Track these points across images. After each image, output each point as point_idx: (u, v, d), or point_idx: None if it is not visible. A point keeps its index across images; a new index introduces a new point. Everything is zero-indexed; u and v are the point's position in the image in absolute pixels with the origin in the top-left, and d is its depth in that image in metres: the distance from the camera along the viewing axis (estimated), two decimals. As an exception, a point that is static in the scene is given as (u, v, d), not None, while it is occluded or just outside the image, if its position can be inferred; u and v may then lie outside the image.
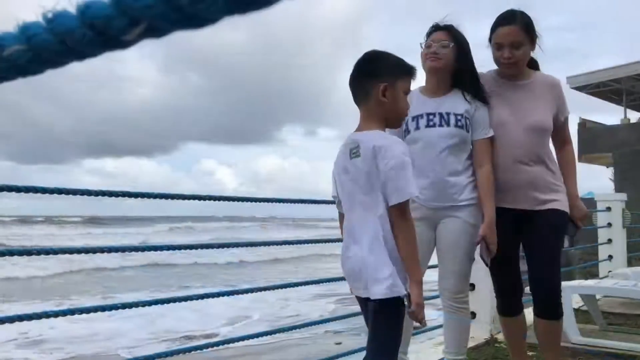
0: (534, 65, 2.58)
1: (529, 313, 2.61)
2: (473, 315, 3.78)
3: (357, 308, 2.07)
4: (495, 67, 2.56)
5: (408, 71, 1.91)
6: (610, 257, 6.26)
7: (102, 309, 2.20)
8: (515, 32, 2.38)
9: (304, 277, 10.94)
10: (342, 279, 3.31)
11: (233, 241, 3.18)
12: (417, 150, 2.36)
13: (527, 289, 2.57)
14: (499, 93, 2.51)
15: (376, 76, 1.82)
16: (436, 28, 2.47)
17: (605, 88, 20.20)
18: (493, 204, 2.42)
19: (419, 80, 2.21)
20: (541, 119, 2.46)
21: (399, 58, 1.91)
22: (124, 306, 2.30)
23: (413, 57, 2.36)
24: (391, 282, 1.72)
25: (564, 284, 4.05)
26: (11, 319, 1.97)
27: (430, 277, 2.52)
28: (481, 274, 3.46)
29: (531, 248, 2.49)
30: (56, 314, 2.04)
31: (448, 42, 2.41)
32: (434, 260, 2.56)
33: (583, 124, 20.08)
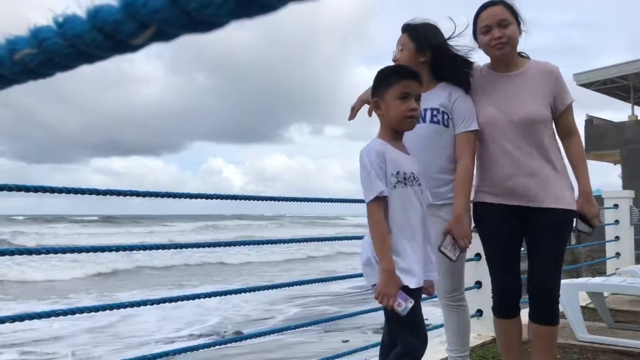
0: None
1: (524, 314, 2.49)
2: (480, 313, 3.78)
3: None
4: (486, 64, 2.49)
5: (397, 76, 1.99)
6: (617, 254, 6.23)
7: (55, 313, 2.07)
8: (500, 10, 2.33)
9: (297, 277, 10.91)
10: (313, 281, 3.30)
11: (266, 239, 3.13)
12: None
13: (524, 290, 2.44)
14: (490, 87, 2.42)
15: (372, 95, 2.06)
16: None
17: (613, 85, 20.07)
18: (464, 198, 2.35)
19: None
20: (531, 111, 2.32)
21: (387, 69, 2.06)
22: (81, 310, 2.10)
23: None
24: (371, 271, 1.94)
25: (571, 281, 4.05)
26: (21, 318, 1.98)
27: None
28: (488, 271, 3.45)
29: (533, 251, 2.39)
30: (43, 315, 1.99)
31: (402, 44, 2.44)
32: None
33: (590, 121, 19.95)
